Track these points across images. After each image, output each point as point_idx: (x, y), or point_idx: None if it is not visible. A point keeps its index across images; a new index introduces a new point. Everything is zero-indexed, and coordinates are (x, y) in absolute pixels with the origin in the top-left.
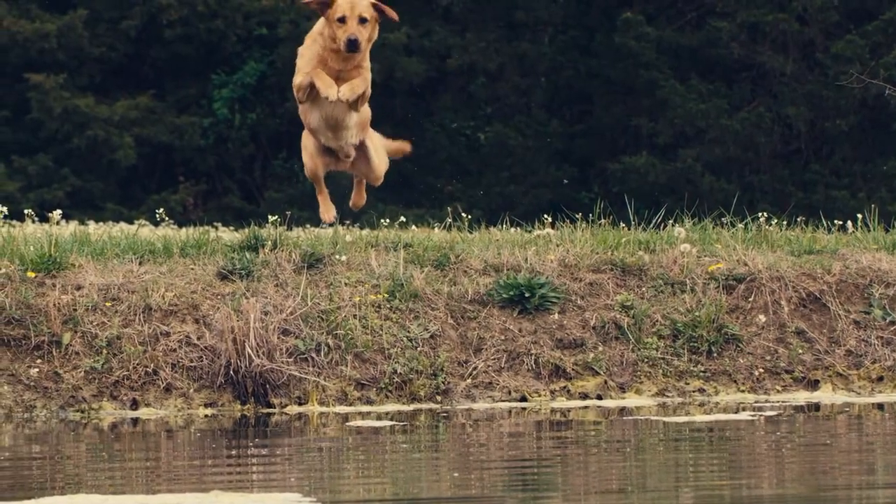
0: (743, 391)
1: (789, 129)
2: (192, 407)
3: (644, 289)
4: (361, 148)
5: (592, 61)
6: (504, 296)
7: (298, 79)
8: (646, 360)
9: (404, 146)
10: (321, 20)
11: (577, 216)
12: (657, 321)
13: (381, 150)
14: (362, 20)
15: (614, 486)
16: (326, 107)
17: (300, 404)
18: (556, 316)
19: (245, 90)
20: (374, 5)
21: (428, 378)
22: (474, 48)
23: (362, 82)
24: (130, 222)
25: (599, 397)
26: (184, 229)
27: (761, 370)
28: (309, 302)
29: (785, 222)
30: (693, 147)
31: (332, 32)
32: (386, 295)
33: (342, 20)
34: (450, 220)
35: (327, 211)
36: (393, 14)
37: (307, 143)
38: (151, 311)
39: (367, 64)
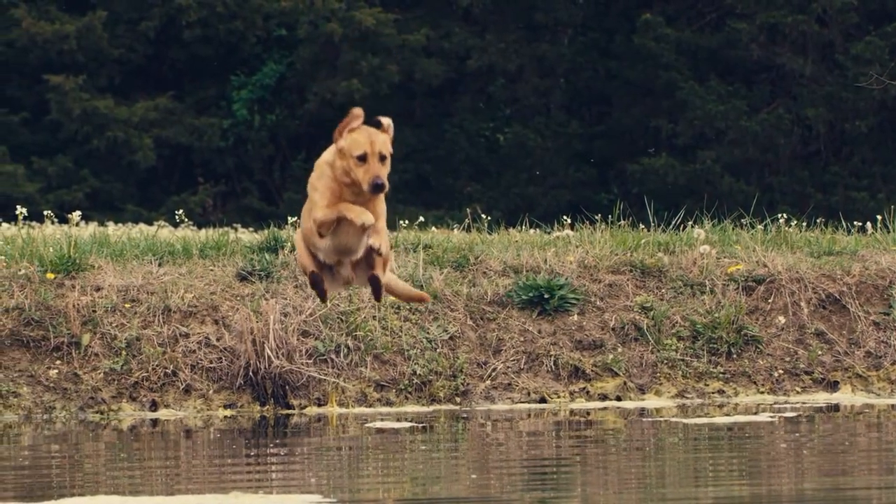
0: (762, 392)
1: (808, 130)
2: (212, 408)
3: (663, 290)
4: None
5: (612, 62)
6: (523, 297)
7: (320, 214)
8: (665, 361)
9: (423, 296)
10: (330, 149)
11: (596, 217)
12: (676, 322)
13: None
14: (382, 157)
15: (633, 486)
16: (342, 236)
17: (319, 405)
18: (576, 317)
19: (264, 91)
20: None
21: (447, 379)
22: (494, 49)
23: (385, 231)
24: (150, 223)
25: (619, 398)
26: (203, 231)
27: (781, 371)
28: (328, 303)
29: (804, 223)
30: (712, 148)
31: (346, 166)
32: None
33: (362, 158)
34: (469, 222)
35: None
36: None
37: (302, 246)
38: (171, 313)
39: (382, 206)
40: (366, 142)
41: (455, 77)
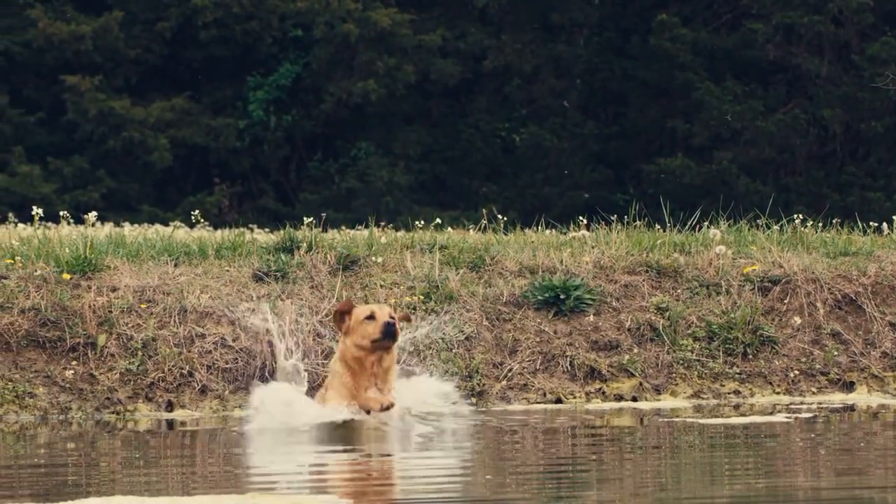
0: (778, 393)
1: (824, 130)
2: (228, 408)
3: (679, 291)
4: None
5: (627, 63)
6: (539, 297)
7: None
8: (681, 361)
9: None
10: (336, 354)
11: (612, 218)
12: (692, 323)
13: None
14: (391, 318)
15: (649, 488)
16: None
17: None
18: (592, 318)
19: (280, 92)
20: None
21: (463, 380)
22: (510, 50)
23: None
24: (166, 224)
25: (635, 399)
26: (219, 231)
27: (797, 372)
28: None
29: (820, 224)
30: (728, 149)
31: (356, 338)
32: (421, 297)
33: (371, 318)
34: (485, 222)
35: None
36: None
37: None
38: (187, 313)
39: (393, 379)
40: (372, 306)
41: (471, 77)
